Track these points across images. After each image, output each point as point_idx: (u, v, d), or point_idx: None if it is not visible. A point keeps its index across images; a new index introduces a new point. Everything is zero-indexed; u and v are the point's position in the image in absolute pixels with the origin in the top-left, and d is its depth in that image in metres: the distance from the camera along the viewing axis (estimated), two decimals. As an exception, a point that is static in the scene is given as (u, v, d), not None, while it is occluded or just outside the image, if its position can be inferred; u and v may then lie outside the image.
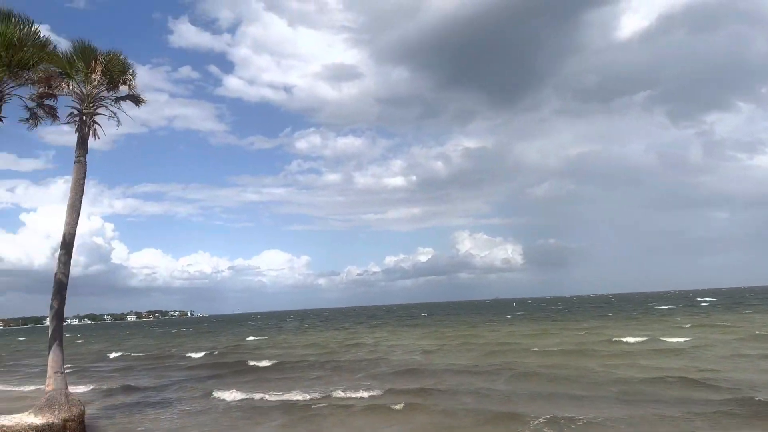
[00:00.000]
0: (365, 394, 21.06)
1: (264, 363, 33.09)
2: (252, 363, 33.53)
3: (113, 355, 48.15)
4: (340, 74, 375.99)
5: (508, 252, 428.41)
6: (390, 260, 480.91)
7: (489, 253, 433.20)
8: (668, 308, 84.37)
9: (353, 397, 20.80)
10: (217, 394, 23.22)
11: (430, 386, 21.93)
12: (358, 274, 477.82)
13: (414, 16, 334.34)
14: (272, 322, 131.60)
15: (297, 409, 19.77)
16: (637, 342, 33.88)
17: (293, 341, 53.71)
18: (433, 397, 19.97)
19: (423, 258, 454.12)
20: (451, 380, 23.51)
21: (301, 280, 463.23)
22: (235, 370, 31.53)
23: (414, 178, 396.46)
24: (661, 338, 35.22)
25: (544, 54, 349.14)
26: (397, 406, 18.60)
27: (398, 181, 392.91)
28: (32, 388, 27.09)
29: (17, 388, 28.23)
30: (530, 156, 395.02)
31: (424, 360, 31.26)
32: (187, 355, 42.55)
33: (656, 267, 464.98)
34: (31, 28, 16.12)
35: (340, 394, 21.51)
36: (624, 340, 34.91)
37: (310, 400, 20.86)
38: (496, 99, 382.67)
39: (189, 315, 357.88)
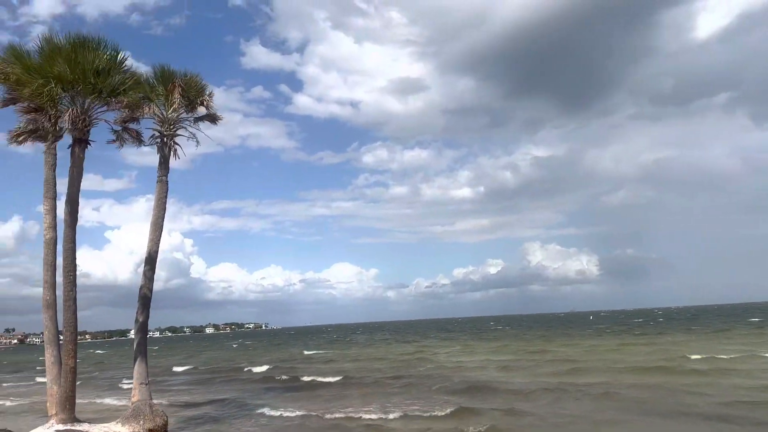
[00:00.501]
0: (440, 413, 19.78)
1: (332, 378, 32.31)
2: (320, 378, 32.87)
3: (180, 368, 49.20)
4: (405, 87, 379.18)
5: (583, 263, 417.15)
6: (459, 272, 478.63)
7: (562, 264, 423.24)
8: (760, 320, 79.48)
9: (427, 416, 19.56)
10: (287, 408, 22.74)
11: (513, 407, 20.27)
12: (427, 287, 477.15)
13: (479, 26, 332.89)
14: (343, 334, 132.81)
15: (368, 428, 18.67)
16: (732, 358, 31.34)
17: (363, 354, 53.57)
18: (519, 419, 18.47)
19: (492, 270, 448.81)
20: (537, 400, 21.87)
21: (370, 292, 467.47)
22: (303, 384, 31.26)
23: (482, 188, 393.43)
24: (763, 354, 32.52)
25: (616, 58, 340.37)
26: (482, 429, 17.24)
27: (465, 192, 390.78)
28: (113, 399, 28.31)
29: (101, 400, 29.48)
30: (604, 163, 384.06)
31: (501, 376, 29.94)
32: (255, 369, 42.88)
33: (743, 277, 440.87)
34: (117, 56, 17.06)
35: (416, 412, 20.33)
36: (719, 356, 32.45)
37: (383, 419, 19.60)
38: (567, 106, 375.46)
39: (263, 327, 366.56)
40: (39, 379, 45.58)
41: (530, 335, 74.81)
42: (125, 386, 35.51)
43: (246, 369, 43.36)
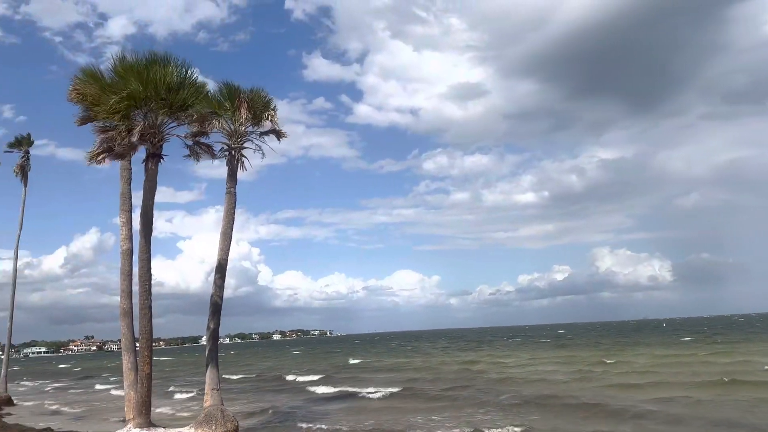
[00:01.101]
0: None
1: (393, 389, 30.88)
2: (382, 388, 31.26)
3: (235, 376, 49.94)
4: (465, 93, 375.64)
5: (655, 269, 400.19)
6: (524, 279, 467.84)
7: (633, 270, 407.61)
8: None
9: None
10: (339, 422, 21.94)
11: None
12: (491, 294, 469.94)
13: (541, 28, 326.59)
14: (405, 342, 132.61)
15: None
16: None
17: (427, 363, 53.24)
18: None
19: (559, 276, 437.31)
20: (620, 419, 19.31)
21: (433, 299, 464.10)
22: (360, 396, 29.85)
23: (546, 193, 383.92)
24: None
25: (685, 55, 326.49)
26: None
27: (529, 197, 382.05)
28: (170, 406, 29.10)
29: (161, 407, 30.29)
30: (675, 165, 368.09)
31: (574, 388, 27.85)
32: (304, 378, 42.81)
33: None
34: (187, 72, 17.73)
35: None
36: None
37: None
38: (634, 106, 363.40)
39: (328, 334, 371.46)
40: (98, 387, 47.73)
41: (603, 343, 71.61)
42: (182, 393, 36.64)
43: (299, 378, 43.19)
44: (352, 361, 61.63)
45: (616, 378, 31.68)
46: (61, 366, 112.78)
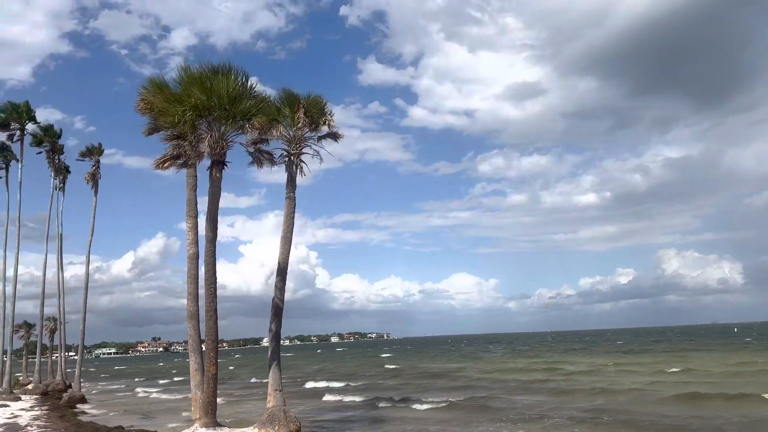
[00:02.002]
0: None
1: (455, 397, 29.49)
2: (445, 397, 29.88)
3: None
4: (522, 93, 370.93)
5: (725, 271, 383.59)
6: (585, 282, 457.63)
7: (701, 272, 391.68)
8: None
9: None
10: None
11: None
12: (551, 297, 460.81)
13: (601, 24, 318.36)
14: (465, 346, 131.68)
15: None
16: None
17: (491, 369, 52.69)
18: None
19: (623, 279, 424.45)
20: None
21: (490, 303, 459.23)
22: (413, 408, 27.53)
23: (608, 194, 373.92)
24: None
25: (755, 48, 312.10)
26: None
27: (590, 198, 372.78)
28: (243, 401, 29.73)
29: (235, 404, 31.21)
30: (746, 162, 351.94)
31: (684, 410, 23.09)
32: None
33: None
34: (248, 82, 18.25)
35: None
36: None
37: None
38: (700, 102, 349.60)
39: (385, 337, 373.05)
40: (164, 387, 49.16)
41: (683, 347, 67.56)
42: (244, 394, 37.43)
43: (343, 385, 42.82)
44: (422, 364, 60.99)
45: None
46: (129, 366, 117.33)
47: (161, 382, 59.62)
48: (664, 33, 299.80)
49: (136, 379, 68.01)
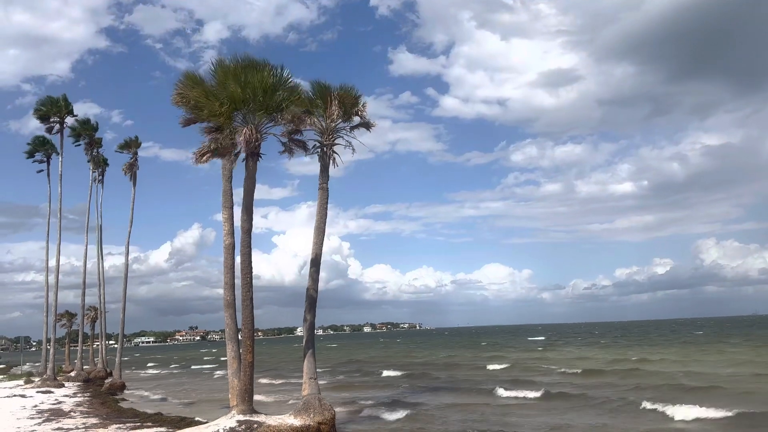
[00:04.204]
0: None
1: (532, 393, 26.27)
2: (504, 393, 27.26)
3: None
4: (557, 80, 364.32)
5: (767, 261, 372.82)
6: (621, 273, 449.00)
7: (742, 262, 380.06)
8: None
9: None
10: None
11: None
12: (585, 288, 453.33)
13: (639, 7, 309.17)
14: (500, 337, 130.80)
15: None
16: None
17: (526, 361, 52.32)
18: None
19: (660, 270, 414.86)
20: None
21: (524, 293, 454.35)
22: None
23: (645, 182, 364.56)
24: None
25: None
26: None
27: (626, 187, 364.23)
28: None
29: (271, 392, 31.71)
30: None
31: None
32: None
33: None
34: (282, 74, 18.41)
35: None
36: None
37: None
38: (742, 87, 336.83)
39: (417, 327, 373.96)
40: (203, 374, 50.17)
41: (734, 340, 63.96)
42: (280, 382, 37.97)
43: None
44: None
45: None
46: (167, 354, 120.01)
47: (198, 369, 60.91)
48: (703, 15, 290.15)
49: (173, 367, 69.60)
